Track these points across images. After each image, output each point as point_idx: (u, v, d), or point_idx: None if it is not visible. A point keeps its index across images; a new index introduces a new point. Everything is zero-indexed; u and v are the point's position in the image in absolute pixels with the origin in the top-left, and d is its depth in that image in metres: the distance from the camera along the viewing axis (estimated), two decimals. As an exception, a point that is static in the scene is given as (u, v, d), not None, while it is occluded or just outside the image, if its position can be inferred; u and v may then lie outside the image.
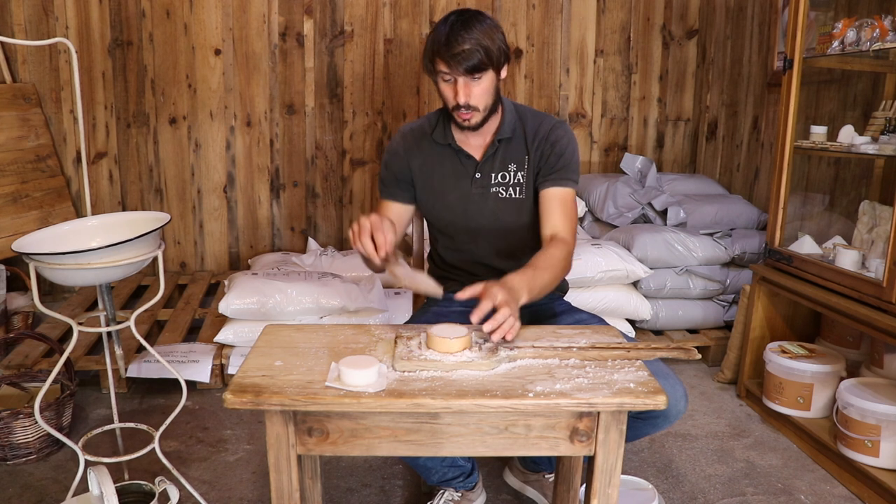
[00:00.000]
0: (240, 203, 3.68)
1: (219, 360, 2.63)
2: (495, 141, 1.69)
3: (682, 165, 3.90)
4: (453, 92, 1.59)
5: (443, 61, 1.55)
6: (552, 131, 1.69)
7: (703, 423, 2.44)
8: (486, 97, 1.61)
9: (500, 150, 1.70)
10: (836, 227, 2.62)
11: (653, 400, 1.15)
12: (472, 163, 1.72)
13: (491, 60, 1.56)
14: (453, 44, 1.53)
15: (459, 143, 1.72)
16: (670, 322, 3.03)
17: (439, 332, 1.29)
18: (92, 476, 1.52)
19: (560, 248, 1.57)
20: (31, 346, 2.68)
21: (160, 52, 3.48)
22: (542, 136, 1.69)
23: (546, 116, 1.74)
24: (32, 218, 3.21)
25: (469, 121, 1.62)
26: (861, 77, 2.72)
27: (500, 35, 1.59)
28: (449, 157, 1.73)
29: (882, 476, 1.95)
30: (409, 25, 3.59)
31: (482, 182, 1.71)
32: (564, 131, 1.71)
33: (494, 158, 1.71)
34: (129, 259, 1.47)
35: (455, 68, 1.54)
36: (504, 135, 1.69)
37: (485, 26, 1.56)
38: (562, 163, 1.67)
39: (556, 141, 1.68)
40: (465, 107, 1.59)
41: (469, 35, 1.53)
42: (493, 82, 1.60)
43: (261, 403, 1.14)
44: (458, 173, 1.73)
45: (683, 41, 3.76)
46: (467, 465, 1.84)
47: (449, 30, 1.54)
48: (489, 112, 1.64)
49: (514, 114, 1.72)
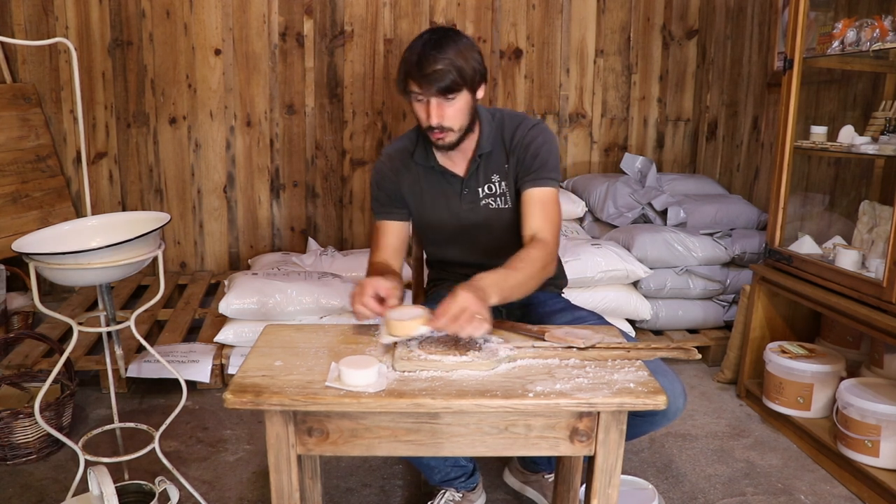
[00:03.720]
0: (240, 203, 3.68)
1: (219, 360, 2.63)
2: (476, 157, 1.68)
3: (682, 165, 3.90)
4: (426, 113, 1.56)
5: (415, 82, 1.53)
6: (527, 133, 1.67)
7: (703, 423, 2.44)
8: (461, 117, 1.58)
9: (482, 164, 1.70)
10: (836, 227, 2.62)
11: (653, 400, 1.15)
12: (457, 180, 1.72)
13: (465, 81, 1.53)
14: (425, 64, 1.50)
15: (442, 164, 1.71)
16: (670, 322, 3.03)
17: (395, 315, 1.30)
18: (92, 476, 1.52)
19: (537, 248, 1.55)
20: (31, 346, 2.68)
21: (160, 52, 3.48)
22: (518, 141, 1.67)
23: (523, 119, 1.71)
24: (32, 218, 3.21)
25: (443, 140, 1.60)
26: (861, 77, 2.72)
27: (475, 55, 1.56)
28: (435, 177, 1.73)
29: (882, 476, 1.95)
30: (409, 25, 3.59)
31: (470, 198, 1.71)
32: (539, 131, 1.68)
33: (478, 173, 1.70)
34: (129, 259, 1.47)
35: (427, 89, 1.52)
36: (484, 150, 1.68)
37: (459, 46, 1.53)
38: (537, 163, 1.65)
39: (531, 142, 1.66)
40: (439, 128, 1.57)
41: (442, 55, 1.50)
42: (467, 102, 1.58)
43: (261, 403, 1.14)
44: (447, 192, 1.73)
45: (683, 41, 3.76)
46: (469, 465, 1.84)
47: (421, 49, 1.52)
48: (465, 132, 1.62)
49: (492, 124, 1.70)
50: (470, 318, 1.26)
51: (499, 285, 1.37)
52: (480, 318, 1.27)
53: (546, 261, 1.55)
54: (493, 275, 1.39)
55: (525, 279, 1.47)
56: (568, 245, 2.93)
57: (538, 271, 1.51)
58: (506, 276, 1.42)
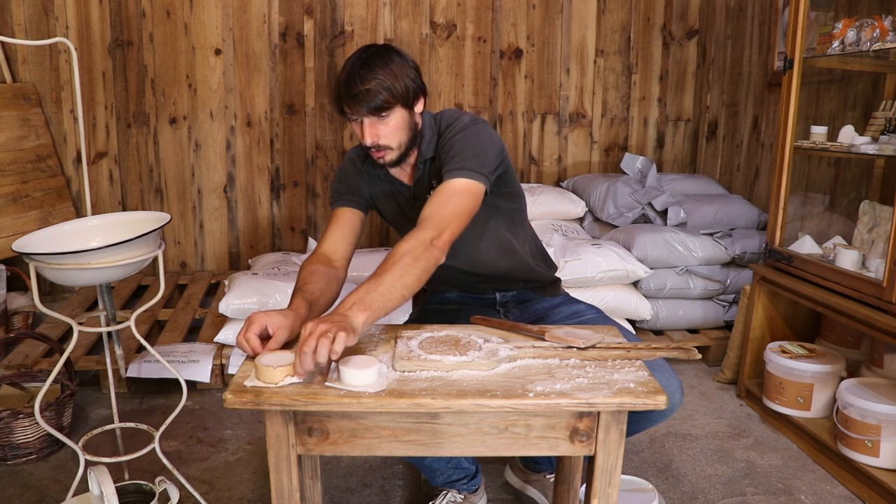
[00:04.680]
0: (240, 203, 3.68)
1: (219, 360, 2.63)
2: (419, 164, 1.66)
3: (683, 165, 3.90)
4: (361, 132, 1.55)
5: (346, 103, 1.52)
6: (454, 133, 1.60)
7: (703, 423, 2.44)
8: (398, 134, 1.56)
9: (425, 170, 1.67)
10: (837, 227, 2.62)
11: (653, 400, 1.15)
12: (406, 189, 1.71)
13: (395, 98, 1.51)
14: (352, 85, 1.49)
15: (391, 173, 1.69)
16: (670, 322, 3.03)
17: (265, 360, 1.20)
18: (92, 476, 1.52)
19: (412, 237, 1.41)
20: (31, 346, 2.68)
21: (160, 52, 3.48)
22: (444, 141, 1.62)
23: (456, 118, 1.64)
24: (32, 218, 3.21)
25: (383, 158, 1.59)
26: (861, 77, 2.72)
27: (408, 70, 1.54)
28: (387, 187, 1.72)
29: (882, 476, 1.95)
30: (409, 25, 3.59)
31: (420, 204, 1.64)
32: (463, 126, 1.60)
33: (423, 179, 1.67)
34: (130, 259, 1.47)
35: (357, 109, 1.51)
36: (426, 155, 1.65)
37: (387, 63, 1.51)
38: (450, 156, 1.56)
39: (449, 137, 1.60)
40: (375, 147, 1.55)
41: (370, 75, 1.49)
42: (403, 119, 1.55)
43: (261, 403, 1.14)
44: (399, 201, 1.72)
45: (683, 41, 3.76)
46: (471, 467, 1.84)
47: (350, 69, 1.51)
48: (407, 147, 1.60)
49: (433, 129, 1.66)
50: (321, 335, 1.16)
51: (362, 301, 1.27)
52: (332, 335, 1.16)
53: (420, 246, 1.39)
54: (353, 294, 1.30)
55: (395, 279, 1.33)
56: (568, 245, 2.94)
57: (412, 262, 1.37)
58: (368, 289, 1.30)
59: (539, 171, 3.82)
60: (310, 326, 1.19)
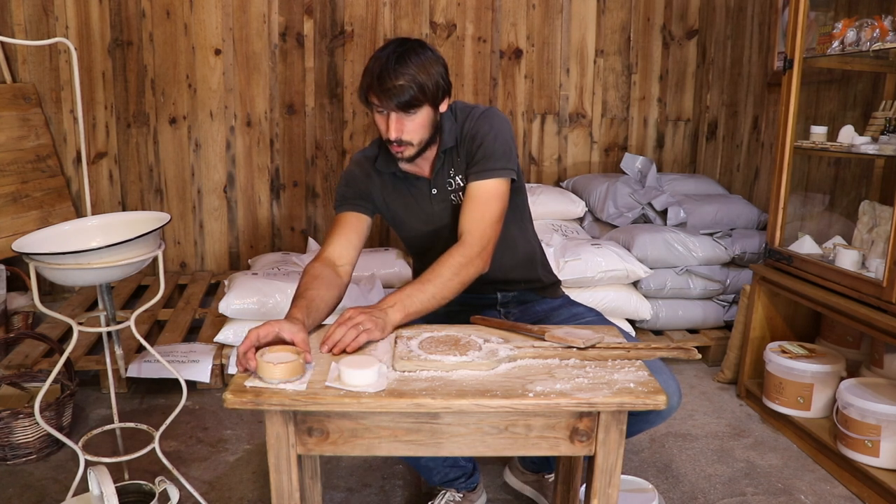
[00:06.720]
0: (240, 203, 3.68)
1: (219, 360, 2.63)
2: (440, 153, 1.65)
3: (683, 165, 3.90)
4: (386, 125, 1.55)
5: (375, 95, 1.52)
6: (475, 123, 1.63)
7: (703, 423, 2.44)
8: (421, 132, 1.56)
9: (446, 160, 1.67)
10: (836, 227, 2.62)
11: (653, 400, 1.15)
12: (424, 182, 1.69)
13: (426, 96, 1.51)
14: (386, 79, 1.49)
15: (406, 169, 1.68)
16: (670, 322, 3.03)
17: (268, 357, 1.21)
18: (92, 476, 1.52)
19: (457, 252, 1.51)
20: (31, 346, 2.68)
21: (160, 52, 3.48)
22: (466, 132, 1.64)
23: (473, 109, 1.67)
24: (32, 218, 3.21)
25: (401, 153, 1.59)
26: (861, 77, 2.72)
27: (438, 69, 1.54)
28: (401, 184, 1.71)
29: (882, 476, 1.95)
30: (410, 25, 3.59)
31: (441, 196, 1.68)
32: (486, 119, 1.63)
33: (444, 170, 1.67)
34: (129, 259, 1.47)
35: (387, 103, 1.51)
36: (447, 144, 1.64)
37: (422, 60, 1.51)
38: (480, 153, 1.60)
39: (476, 133, 1.62)
40: (398, 142, 1.55)
41: (404, 70, 1.49)
42: (428, 117, 1.56)
43: (261, 403, 1.14)
44: (416, 196, 1.71)
45: (683, 41, 3.76)
46: (469, 465, 1.84)
47: (384, 62, 1.50)
48: (425, 145, 1.60)
49: (453, 120, 1.66)
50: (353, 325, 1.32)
51: (402, 303, 1.41)
52: (365, 329, 1.31)
53: (465, 262, 1.50)
54: (398, 293, 1.41)
55: (437, 290, 1.46)
56: (568, 245, 2.94)
57: (452, 277, 1.48)
58: (411, 293, 1.42)
59: (539, 171, 3.82)
60: (350, 312, 1.34)
